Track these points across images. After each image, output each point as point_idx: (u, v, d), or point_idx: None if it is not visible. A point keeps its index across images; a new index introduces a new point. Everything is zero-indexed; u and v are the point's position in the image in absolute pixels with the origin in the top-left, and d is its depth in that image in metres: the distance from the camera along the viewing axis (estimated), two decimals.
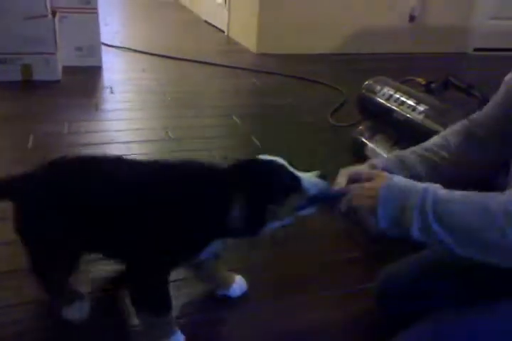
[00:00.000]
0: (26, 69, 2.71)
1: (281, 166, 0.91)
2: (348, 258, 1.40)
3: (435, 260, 1.04)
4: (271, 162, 0.92)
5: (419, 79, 1.72)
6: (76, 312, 1.08)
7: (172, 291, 1.01)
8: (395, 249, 1.41)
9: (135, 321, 1.07)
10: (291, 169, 0.91)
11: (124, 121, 2.35)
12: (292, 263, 1.36)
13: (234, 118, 2.44)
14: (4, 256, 1.29)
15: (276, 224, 0.93)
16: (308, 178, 0.91)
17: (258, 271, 1.31)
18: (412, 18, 4.10)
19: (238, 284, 1.19)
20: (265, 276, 1.29)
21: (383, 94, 1.70)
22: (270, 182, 0.89)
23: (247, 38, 3.94)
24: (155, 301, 1.00)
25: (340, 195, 0.87)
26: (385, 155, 1.68)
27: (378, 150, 1.73)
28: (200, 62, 3.44)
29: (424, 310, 0.89)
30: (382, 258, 1.33)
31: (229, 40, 4.28)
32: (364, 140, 1.81)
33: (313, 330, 1.13)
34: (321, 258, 1.39)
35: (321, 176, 0.92)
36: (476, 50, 4.28)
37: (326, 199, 0.91)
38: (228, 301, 1.18)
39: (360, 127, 1.90)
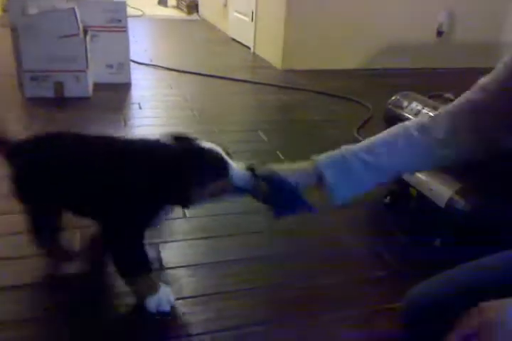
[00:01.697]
0: (58, 86, 2.78)
1: (217, 154, 1.05)
2: (373, 277, 1.37)
3: (464, 281, 1.01)
4: (209, 149, 1.06)
5: (448, 95, 1.69)
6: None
7: (199, 306, 1.00)
8: (423, 267, 1.38)
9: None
10: (226, 158, 1.04)
11: (152, 136, 2.38)
12: (317, 281, 1.34)
13: (260, 133, 2.45)
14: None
15: (205, 200, 1.07)
16: (238, 169, 1.03)
17: (281, 290, 1.29)
18: (439, 33, 4.08)
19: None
20: (289, 295, 1.28)
21: (411, 110, 1.68)
22: (201, 166, 1.03)
23: (273, 54, 3.98)
24: (131, 261, 1.13)
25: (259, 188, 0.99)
26: None
27: None
28: (227, 78, 3.48)
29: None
30: (408, 277, 1.29)
31: (255, 57, 4.32)
32: None
33: None
34: (346, 276, 1.37)
35: (250, 168, 1.03)
36: None
37: (249, 191, 1.02)
38: (251, 318, 1.16)
39: None
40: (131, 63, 3.30)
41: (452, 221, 1.46)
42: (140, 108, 2.78)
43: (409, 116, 1.67)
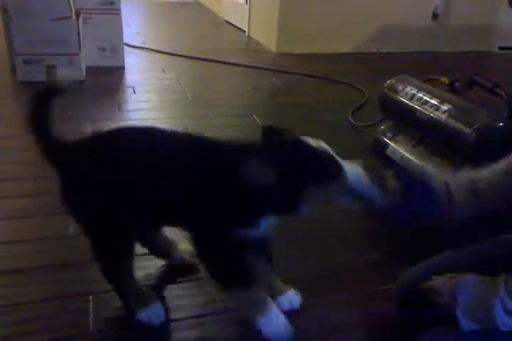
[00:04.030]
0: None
1: (328, 152, 0.92)
2: (368, 259, 1.39)
3: (454, 264, 1.03)
4: (319, 147, 0.92)
5: (443, 79, 1.69)
6: (153, 315, 1.08)
7: (193, 290, 1.01)
8: (415, 250, 1.40)
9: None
10: (336, 157, 0.92)
11: (146, 120, 2.37)
12: (312, 264, 1.35)
13: (254, 117, 2.44)
14: (31, 252, 1.32)
15: (314, 204, 0.94)
16: (352, 169, 0.91)
17: (279, 272, 1.31)
18: (435, 16, 4.05)
19: (288, 298, 1.15)
20: (286, 277, 1.29)
21: (406, 94, 1.68)
22: (316, 163, 0.90)
23: (268, 38, 3.94)
24: (231, 272, 1.00)
25: (379, 193, 0.88)
26: (407, 155, 1.66)
27: (400, 150, 1.71)
28: (221, 61, 3.45)
29: (442, 315, 0.88)
30: (403, 259, 1.31)
31: (249, 40, 4.28)
32: (386, 140, 1.79)
33: (335, 330, 1.13)
34: (341, 259, 1.39)
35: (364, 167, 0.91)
36: (501, 48, 4.21)
37: (364, 194, 0.90)
38: None
39: (382, 127, 1.88)
40: (124, 46, 3.26)
41: None
42: (134, 92, 2.76)
43: (405, 100, 1.67)
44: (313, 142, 0.93)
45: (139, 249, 1.22)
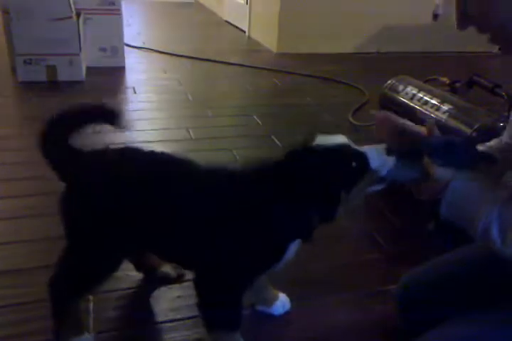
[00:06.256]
0: (51, 70, 2.75)
1: (346, 149, 0.85)
2: (368, 259, 1.39)
3: (455, 268, 1.03)
4: (336, 144, 0.85)
5: (443, 79, 1.70)
6: None
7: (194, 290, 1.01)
8: (415, 250, 1.40)
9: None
10: (357, 148, 0.86)
11: (147, 120, 2.37)
12: (313, 264, 1.35)
13: (255, 117, 2.44)
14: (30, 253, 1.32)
15: (349, 205, 0.88)
16: (377, 157, 0.86)
17: (279, 273, 1.30)
18: (435, 17, 4.05)
19: (281, 302, 1.15)
20: (287, 278, 1.29)
21: (406, 94, 1.68)
22: (338, 170, 0.84)
23: (268, 38, 3.94)
24: (228, 319, 0.95)
25: (410, 176, 0.86)
26: None
27: None
28: (221, 62, 3.45)
29: (444, 316, 0.88)
30: (403, 259, 1.32)
31: (250, 40, 4.28)
32: None
33: (336, 331, 1.12)
34: (342, 259, 1.38)
35: (389, 152, 0.86)
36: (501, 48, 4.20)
37: (396, 180, 0.88)
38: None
39: None
40: (125, 47, 3.26)
41: None
42: (135, 92, 2.77)
43: (405, 100, 1.67)
44: (330, 139, 0.86)
45: None
